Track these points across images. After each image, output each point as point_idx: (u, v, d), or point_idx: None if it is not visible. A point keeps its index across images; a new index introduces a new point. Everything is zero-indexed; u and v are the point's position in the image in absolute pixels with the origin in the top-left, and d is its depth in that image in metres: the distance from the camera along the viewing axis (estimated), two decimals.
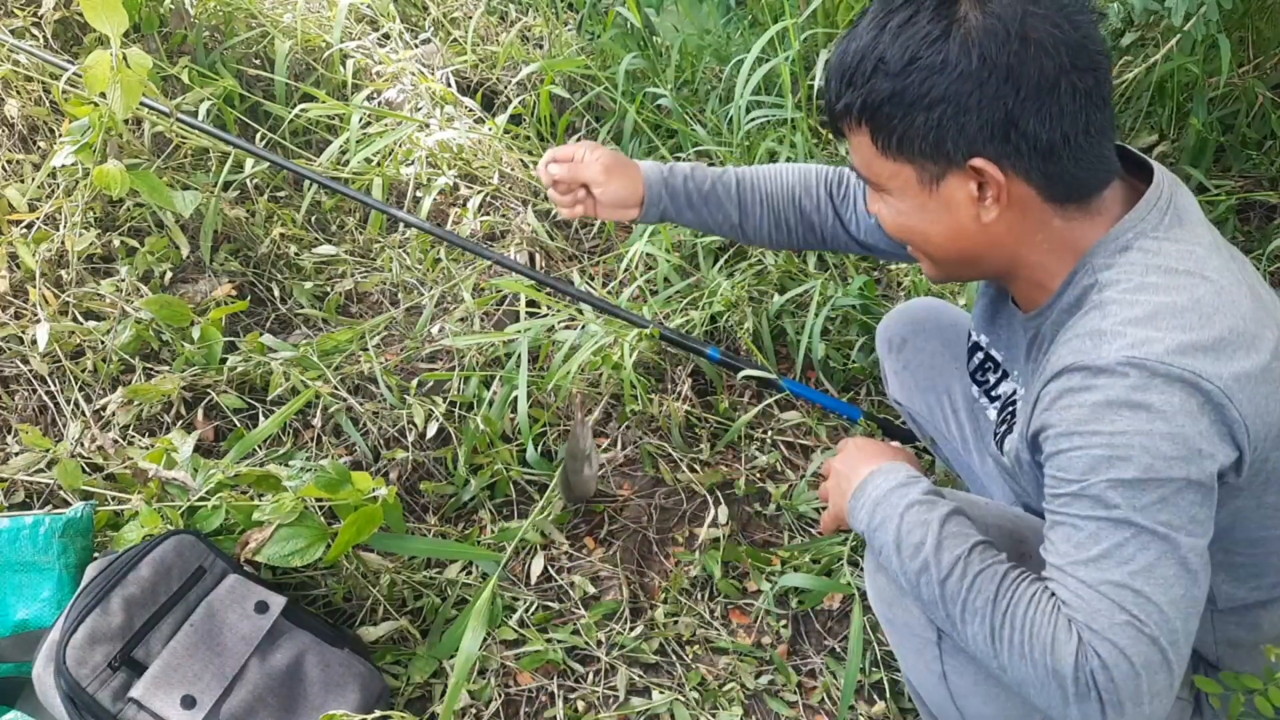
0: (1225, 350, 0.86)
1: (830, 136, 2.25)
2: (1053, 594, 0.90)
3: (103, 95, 1.71)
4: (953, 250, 1.01)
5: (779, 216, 1.37)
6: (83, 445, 1.71)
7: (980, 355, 1.23)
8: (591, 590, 1.63)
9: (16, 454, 1.70)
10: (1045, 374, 0.93)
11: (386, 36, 2.59)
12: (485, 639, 1.55)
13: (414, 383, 1.83)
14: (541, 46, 2.67)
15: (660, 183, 1.34)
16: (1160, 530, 0.85)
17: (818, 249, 1.57)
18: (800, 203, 1.36)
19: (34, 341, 1.81)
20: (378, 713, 1.19)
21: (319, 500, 1.46)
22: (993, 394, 1.22)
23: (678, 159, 2.25)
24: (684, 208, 1.36)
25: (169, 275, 2.09)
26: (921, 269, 1.10)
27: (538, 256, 2.21)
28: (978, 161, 0.91)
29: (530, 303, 2.01)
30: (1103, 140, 0.93)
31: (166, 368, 1.88)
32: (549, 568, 1.66)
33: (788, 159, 2.07)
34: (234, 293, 2.11)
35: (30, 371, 1.83)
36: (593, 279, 2.17)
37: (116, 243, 2.09)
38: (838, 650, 1.56)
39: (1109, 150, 0.94)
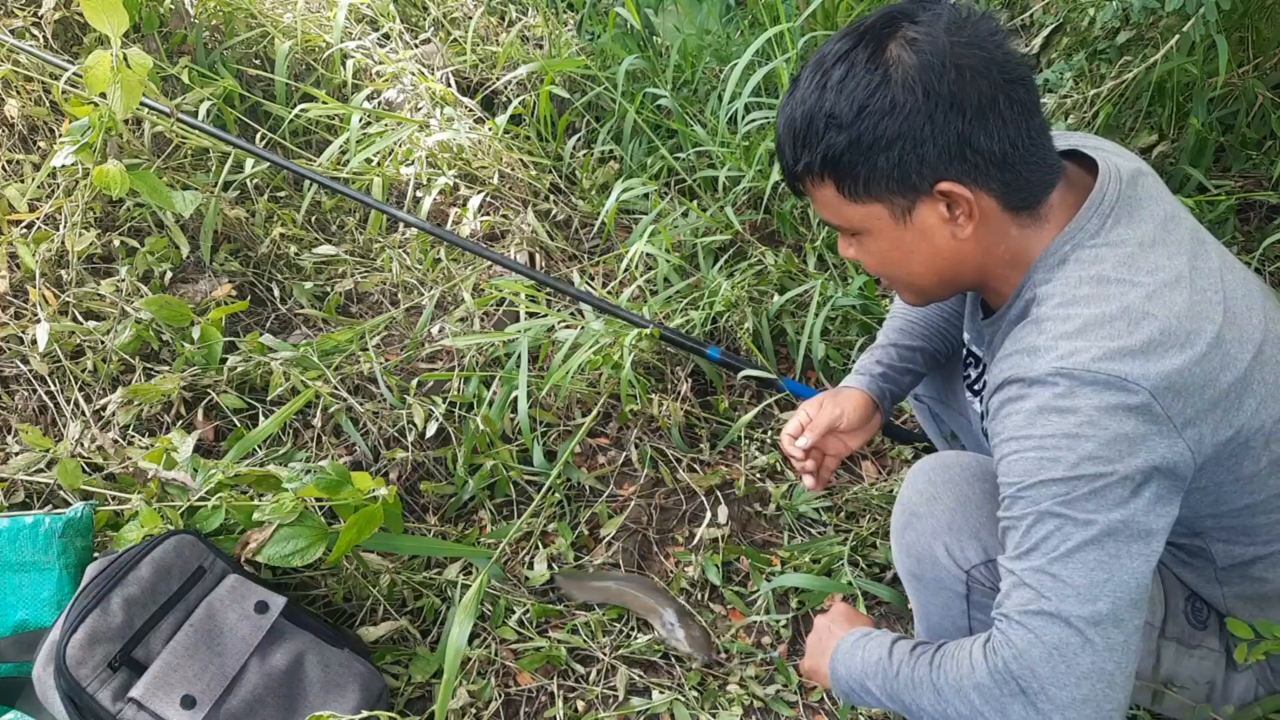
0: (1154, 351, 0.90)
1: None
2: (977, 639, 0.97)
3: (103, 95, 1.71)
4: (933, 274, 1.05)
5: (950, 321, 1.41)
6: (83, 445, 1.71)
7: (964, 351, 1.27)
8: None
9: (16, 454, 1.70)
10: (991, 385, 0.99)
11: (386, 37, 2.59)
12: (485, 639, 1.55)
13: (414, 383, 1.83)
14: (541, 47, 2.67)
15: (874, 383, 1.39)
16: (1082, 518, 0.90)
17: None
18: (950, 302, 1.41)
19: (34, 341, 1.81)
20: (364, 713, 1.19)
21: (319, 500, 1.46)
22: (974, 388, 1.27)
23: (677, 159, 2.25)
24: (899, 379, 1.40)
25: (169, 275, 2.09)
26: (901, 298, 1.15)
27: (538, 256, 2.21)
28: (944, 185, 0.96)
29: (530, 302, 2.01)
30: (1044, 141, 0.98)
31: (166, 368, 1.88)
32: (552, 566, 1.67)
33: None
34: (234, 293, 2.11)
35: (30, 371, 1.83)
36: (593, 279, 2.17)
37: (116, 243, 2.09)
38: None
39: (1050, 151, 1.00)
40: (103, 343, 1.86)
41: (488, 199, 2.26)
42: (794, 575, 1.60)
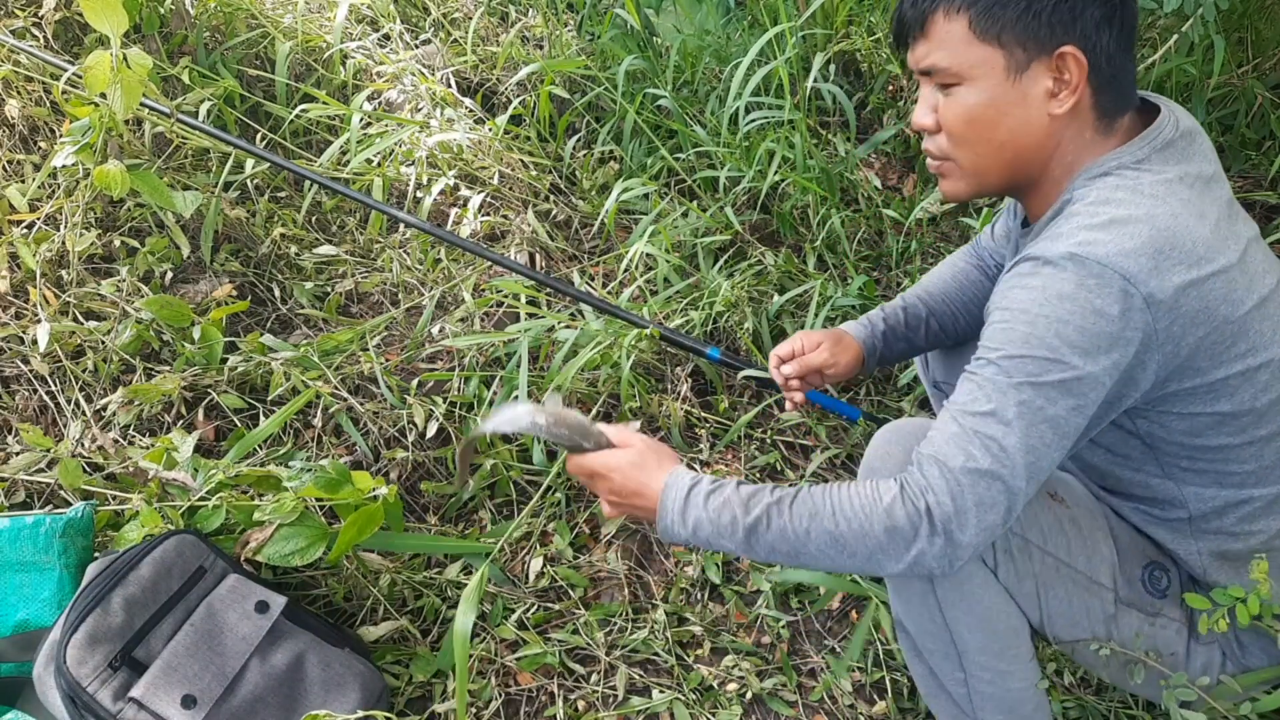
0: (1164, 261, 0.95)
1: (829, 137, 2.25)
2: (873, 484, 1.02)
3: (103, 95, 1.71)
4: (1007, 150, 1.07)
5: (969, 306, 1.46)
6: (83, 445, 1.71)
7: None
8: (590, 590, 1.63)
9: (17, 454, 1.70)
10: (1008, 266, 1.05)
11: (387, 37, 2.59)
12: (484, 638, 1.55)
13: (414, 383, 1.84)
14: (541, 47, 2.67)
15: (870, 337, 1.46)
16: (1044, 400, 0.96)
17: None
18: (979, 285, 1.46)
19: (35, 341, 1.81)
20: (360, 713, 1.19)
21: (319, 500, 1.46)
22: None
23: (677, 159, 2.25)
24: (894, 344, 1.46)
25: (169, 275, 2.09)
26: (942, 188, 1.15)
27: (538, 257, 2.22)
28: (1068, 48, 1.01)
29: (530, 303, 2.01)
30: (1133, 69, 1.07)
31: (167, 368, 1.89)
32: (548, 568, 1.67)
33: (784, 158, 2.08)
34: (234, 293, 2.11)
35: (31, 371, 1.83)
36: (593, 279, 2.17)
37: (117, 243, 2.09)
38: (838, 650, 1.56)
39: (1136, 81, 1.08)
40: (103, 343, 1.86)
41: (488, 199, 2.27)
42: (796, 572, 1.60)
